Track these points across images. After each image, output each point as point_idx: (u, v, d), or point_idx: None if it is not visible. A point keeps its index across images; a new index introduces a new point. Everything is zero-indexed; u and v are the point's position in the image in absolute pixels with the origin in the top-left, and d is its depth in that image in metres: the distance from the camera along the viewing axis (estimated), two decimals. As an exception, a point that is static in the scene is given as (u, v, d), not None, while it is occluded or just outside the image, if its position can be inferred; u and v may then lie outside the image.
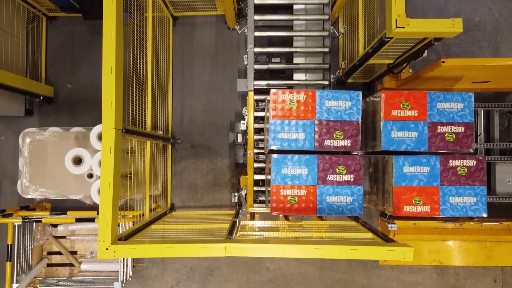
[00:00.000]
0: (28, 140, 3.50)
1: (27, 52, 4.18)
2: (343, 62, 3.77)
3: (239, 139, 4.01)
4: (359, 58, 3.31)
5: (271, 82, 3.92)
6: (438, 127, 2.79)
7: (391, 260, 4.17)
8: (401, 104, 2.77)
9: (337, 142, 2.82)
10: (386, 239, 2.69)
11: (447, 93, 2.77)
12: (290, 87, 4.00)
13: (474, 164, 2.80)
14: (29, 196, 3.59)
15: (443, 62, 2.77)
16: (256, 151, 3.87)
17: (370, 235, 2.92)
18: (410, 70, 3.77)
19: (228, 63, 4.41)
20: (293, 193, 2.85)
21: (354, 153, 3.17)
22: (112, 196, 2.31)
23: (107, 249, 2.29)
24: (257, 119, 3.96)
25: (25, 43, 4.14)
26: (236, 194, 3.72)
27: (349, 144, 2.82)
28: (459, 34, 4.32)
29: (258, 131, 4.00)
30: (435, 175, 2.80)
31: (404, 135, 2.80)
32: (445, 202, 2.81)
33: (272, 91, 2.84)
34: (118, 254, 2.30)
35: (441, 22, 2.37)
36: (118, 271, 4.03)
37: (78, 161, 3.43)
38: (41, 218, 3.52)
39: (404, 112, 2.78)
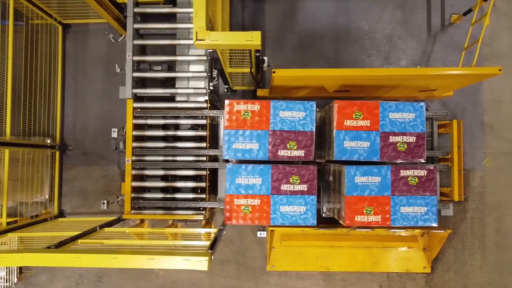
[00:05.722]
0: None
1: None
2: (214, 70, 3.81)
3: (121, 146, 4.04)
4: (219, 67, 3.35)
5: (149, 91, 3.97)
6: (390, 137, 2.83)
7: (278, 266, 4.21)
8: (353, 114, 2.81)
9: (291, 152, 2.84)
10: (212, 247, 2.73)
11: (399, 103, 2.82)
12: (172, 94, 4.06)
13: (425, 174, 2.83)
14: None
15: (273, 72, 2.81)
16: (134, 158, 3.91)
17: (208, 243, 2.95)
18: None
19: (120, 71, 4.43)
20: (247, 202, 2.86)
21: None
22: None
23: None
24: (138, 127, 4.00)
25: None
26: (105, 201, 3.74)
27: (303, 154, 2.84)
28: (349, 43, 4.43)
29: (141, 139, 4.04)
30: (386, 185, 2.82)
31: (357, 144, 2.83)
32: (396, 212, 2.83)
33: (227, 101, 2.84)
34: None
35: (241, 35, 2.42)
36: (2, 278, 4.03)
37: None
38: None
39: (357, 122, 2.82)
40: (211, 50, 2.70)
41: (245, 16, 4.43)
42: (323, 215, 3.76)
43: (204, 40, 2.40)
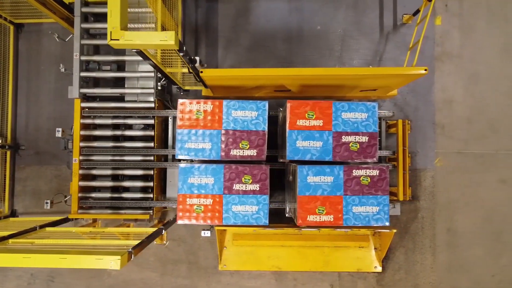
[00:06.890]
0: None
1: None
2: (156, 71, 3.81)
3: (70, 145, 4.04)
4: (157, 67, 3.36)
5: (96, 90, 3.97)
6: (343, 136, 2.84)
7: (230, 266, 4.21)
8: (306, 114, 2.82)
9: (243, 151, 2.85)
10: (138, 246, 2.74)
11: (352, 103, 2.83)
12: (122, 94, 4.06)
13: (377, 174, 2.85)
14: None
15: (201, 72, 2.82)
16: (82, 157, 3.91)
17: (137, 242, 2.95)
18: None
19: (65, 71, 4.42)
20: (199, 202, 2.86)
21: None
22: None
23: None
24: (90, 126, 4.00)
25: None
26: (48, 201, 3.75)
27: (255, 154, 2.85)
28: (302, 43, 4.43)
29: (94, 138, 4.04)
30: (339, 184, 2.83)
31: (309, 144, 2.83)
32: (348, 211, 2.84)
33: (180, 101, 2.85)
34: None
35: (155, 35, 2.43)
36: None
37: None
38: None
39: (310, 121, 2.82)
40: (135, 50, 2.70)
41: (199, 15, 4.43)
42: (287, 214, 3.77)
43: (118, 40, 2.40)
